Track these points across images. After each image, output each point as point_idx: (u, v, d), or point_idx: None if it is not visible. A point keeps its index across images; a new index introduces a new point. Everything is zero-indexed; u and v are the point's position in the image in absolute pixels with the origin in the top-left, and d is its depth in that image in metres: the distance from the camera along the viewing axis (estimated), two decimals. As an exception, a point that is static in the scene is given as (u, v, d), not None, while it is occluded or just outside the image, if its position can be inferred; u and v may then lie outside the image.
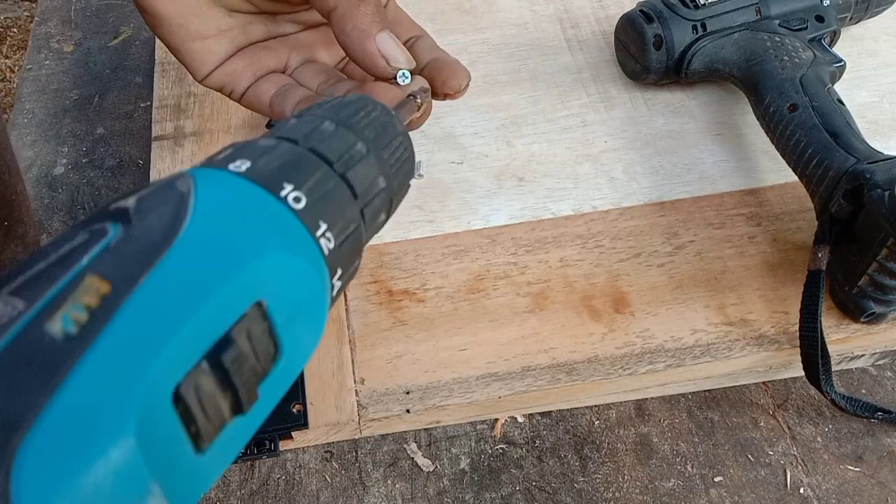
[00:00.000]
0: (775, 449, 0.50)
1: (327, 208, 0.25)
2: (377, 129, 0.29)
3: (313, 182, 0.25)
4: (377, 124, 0.29)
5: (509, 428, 0.51)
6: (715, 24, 0.58)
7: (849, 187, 0.47)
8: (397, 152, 0.29)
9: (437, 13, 0.69)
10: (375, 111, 0.29)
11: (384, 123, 0.29)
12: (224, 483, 0.49)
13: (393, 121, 0.30)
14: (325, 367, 0.48)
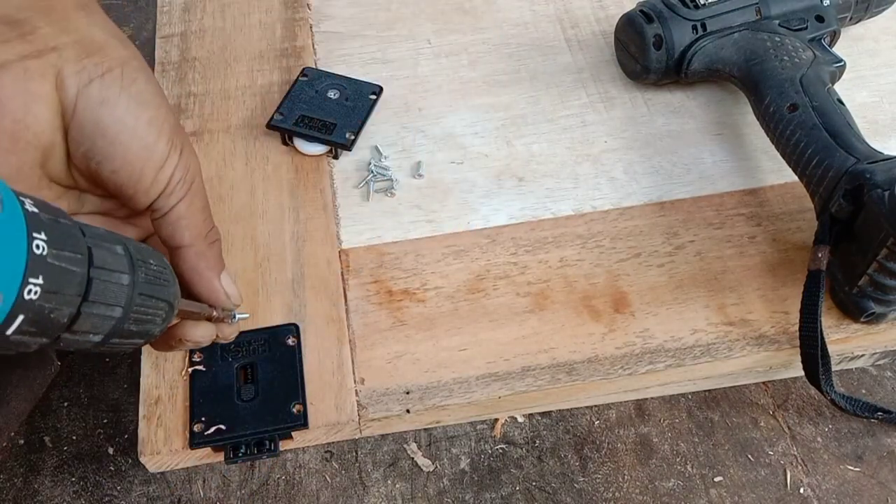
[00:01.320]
0: (775, 449, 0.50)
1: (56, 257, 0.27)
2: (150, 280, 0.32)
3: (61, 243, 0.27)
4: (155, 277, 0.32)
5: (509, 428, 0.51)
6: (715, 24, 0.58)
7: (849, 187, 0.47)
8: (148, 309, 0.32)
9: (437, 13, 0.69)
10: (165, 271, 0.33)
11: (161, 282, 0.32)
12: (224, 483, 0.49)
13: (169, 287, 0.33)
14: (325, 367, 0.48)
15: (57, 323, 0.28)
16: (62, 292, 0.28)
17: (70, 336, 0.29)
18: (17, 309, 0.26)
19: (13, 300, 0.26)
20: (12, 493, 0.50)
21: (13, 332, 0.26)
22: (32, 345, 0.28)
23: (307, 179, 0.57)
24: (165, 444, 0.45)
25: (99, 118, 0.34)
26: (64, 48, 0.34)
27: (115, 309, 0.30)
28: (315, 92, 0.60)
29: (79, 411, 0.54)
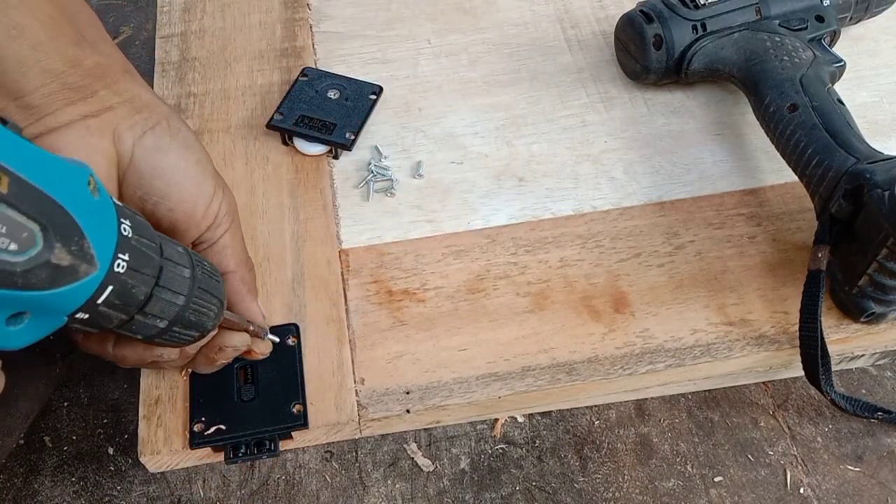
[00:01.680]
0: (775, 449, 0.50)
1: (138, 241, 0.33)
2: (206, 276, 0.37)
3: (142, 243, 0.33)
4: (209, 276, 0.38)
5: (509, 428, 0.51)
6: (715, 24, 0.58)
7: (849, 187, 0.47)
8: (204, 302, 0.37)
9: (437, 13, 0.69)
10: (216, 273, 0.39)
11: (214, 281, 0.38)
12: (224, 483, 0.49)
13: (220, 286, 0.39)
14: (325, 367, 0.48)
15: (136, 300, 0.33)
16: (142, 272, 0.33)
17: (142, 318, 0.34)
18: (108, 280, 0.31)
19: (106, 271, 0.30)
20: (12, 493, 0.50)
21: (102, 302, 0.31)
22: (114, 319, 0.32)
23: (307, 179, 0.57)
24: (165, 444, 0.45)
25: (155, 163, 0.40)
26: (118, 107, 0.39)
27: (179, 297, 0.35)
28: (315, 92, 0.60)
29: (79, 411, 0.54)
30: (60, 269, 0.28)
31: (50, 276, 0.28)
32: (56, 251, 0.28)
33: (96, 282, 0.30)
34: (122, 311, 0.32)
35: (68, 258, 0.29)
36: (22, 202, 0.27)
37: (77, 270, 0.29)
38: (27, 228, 0.27)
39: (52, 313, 0.30)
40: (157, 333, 0.35)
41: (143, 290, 0.33)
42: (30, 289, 0.28)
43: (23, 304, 0.28)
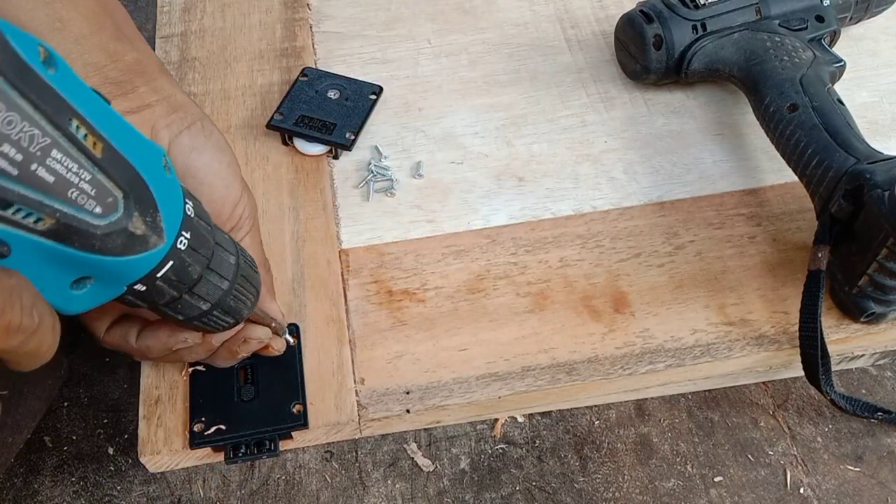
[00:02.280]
0: (775, 449, 0.50)
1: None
2: (247, 265, 0.39)
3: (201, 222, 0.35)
4: (249, 266, 0.40)
5: (509, 428, 0.51)
6: (715, 24, 0.58)
7: (849, 187, 0.47)
8: (244, 290, 0.39)
9: (437, 13, 0.69)
10: (254, 264, 0.41)
11: (253, 271, 0.40)
12: (224, 483, 0.49)
13: (258, 277, 0.41)
14: (325, 367, 0.48)
15: (189, 278, 0.34)
16: (199, 251, 0.34)
17: (189, 298, 0.35)
18: (170, 255, 0.32)
19: (170, 246, 0.32)
20: (12, 493, 0.50)
21: (161, 276, 0.32)
22: (166, 295, 0.33)
23: (307, 179, 0.57)
24: (165, 444, 0.45)
25: (190, 162, 0.40)
26: (156, 105, 0.40)
27: (224, 282, 0.36)
28: (315, 92, 0.60)
29: (79, 411, 0.54)
30: (134, 238, 0.30)
31: (124, 243, 0.29)
32: (134, 220, 0.29)
33: (161, 255, 0.31)
34: (175, 287, 0.33)
35: (143, 228, 0.30)
36: (111, 168, 0.28)
37: (147, 241, 0.30)
38: (112, 194, 0.28)
39: (114, 281, 0.31)
40: (197, 315, 0.36)
41: (197, 270, 0.34)
42: (104, 253, 0.29)
43: (91, 269, 0.29)
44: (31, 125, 0.25)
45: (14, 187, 0.25)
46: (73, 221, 0.27)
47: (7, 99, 0.24)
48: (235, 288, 0.37)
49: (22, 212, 0.25)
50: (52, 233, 0.27)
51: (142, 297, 0.33)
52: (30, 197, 0.25)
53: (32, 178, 0.25)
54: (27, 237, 0.26)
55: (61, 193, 0.26)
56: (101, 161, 0.28)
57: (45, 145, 0.25)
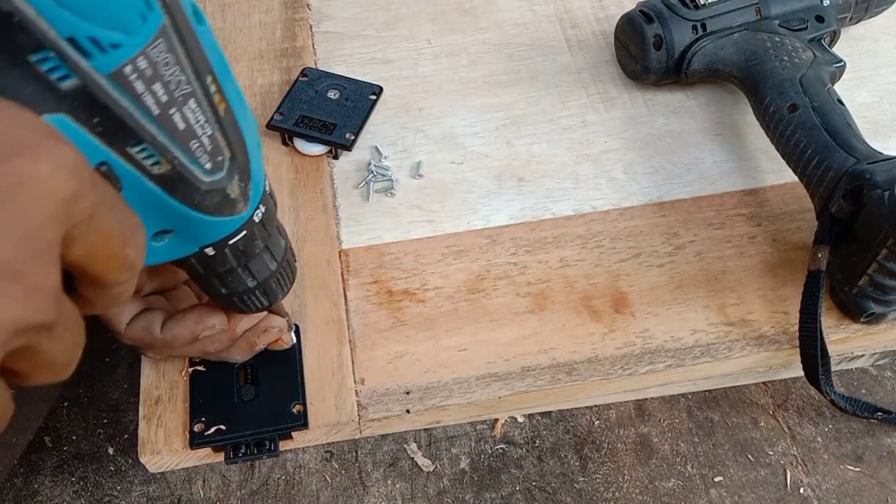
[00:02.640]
0: (775, 449, 0.50)
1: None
2: (291, 253, 0.41)
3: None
4: (292, 255, 0.41)
5: (509, 428, 0.51)
6: (715, 24, 0.58)
7: (849, 187, 0.47)
8: (286, 274, 0.40)
9: (437, 13, 0.69)
10: (294, 259, 0.42)
11: (294, 260, 0.42)
12: (224, 483, 0.49)
13: (295, 265, 0.42)
14: (325, 367, 0.48)
15: (252, 251, 0.35)
16: (266, 227, 0.35)
17: (241, 272, 0.36)
18: (246, 225, 0.33)
19: (249, 215, 0.33)
20: (12, 493, 0.50)
21: (231, 244, 0.33)
22: (227, 264, 0.34)
23: (307, 179, 0.57)
24: (165, 444, 0.45)
25: None
26: None
27: (273, 262, 0.37)
28: (315, 92, 0.60)
29: (79, 411, 0.54)
30: (227, 200, 0.31)
31: (218, 203, 0.30)
32: (233, 183, 0.30)
33: (240, 222, 0.32)
34: (237, 258, 0.34)
35: (237, 192, 0.31)
36: (228, 128, 0.29)
37: (235, 206, 0.31)
38: (223, 153, 0.29)
39: (193, 239, 0.32)
40: (241, 291, 0.37)
41: (260, 245, 0.35)
42: (199, 209, 0.30)
43: (179, 223, 0.30)
44: (180, 71, 0.26)
45: (150, 126, 0.25)
46: (185, 172, 0.28)
47: (170, 42, 0.25)
48: (280, 270, 0.38)
49: (146, 152, 0.26)
50: (163, 179, 0.27)
51: (205, 261, 0.34)
52: (159, 139, 0.26)
53: (167, 122, 0.26)
54: (141, 179, 0.27)
55: (185, 142, 0.27)
56: (223, 120, 0.29)
57: (186, 93, 0.26)
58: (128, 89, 0.24)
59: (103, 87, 0.24)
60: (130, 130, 0.25)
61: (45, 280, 0.22)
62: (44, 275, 0.21)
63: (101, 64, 0.23)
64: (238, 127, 0.30)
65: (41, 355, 0.23)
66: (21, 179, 0.20)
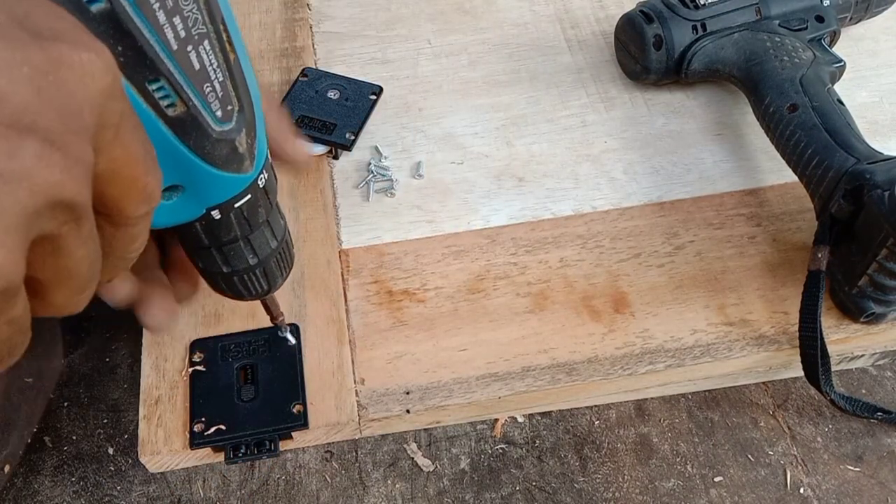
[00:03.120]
0: (775, 449, 0.50)
1: None
2: (290, 238, 0.40)
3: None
4: (291, 240, 0.40)
5: (509, 428, 0.51)
6: (715, 24, 0.58)
7: (849, 187, 0.47)
8: (282, 259, 0.39)
9: (437, 13, 0.69)
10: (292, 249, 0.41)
11: (292, 245, 0.40)
12: (224, 483, 0.49)
13: (293, 252, 0.41)
14: (325, 367, 0.48)
15: (256, 220, 0.35)
16: (269, 195, 0.35)
17: (243, 245, 0.36)
18: (251, 188, 0.33)
19: (254, 177, 0.33)
20: (12, 493, 0.50)
21: (236, 207, 0.33)
22: (231, 232, 0.34)
23: (307, 179, 0.57)
24: (165, 445, 0.45)
25: None
26: None
27: (273, 241, 0.37)
28: (315, 92, 0.60)
29: (79, 411, 0.54)
30: (236, 154, 0.31)
31: (227, 155, 0.30)
32: (241, 135, 0.30)
33: (246, 182, 0.32)
34: (241, 226, 0.34)
35: (244, 146, 0.31)
36: (237, 77, 0.29)
37: (243, 162, 0.31)
38: (232, 102, 0.29)
39: (200, 198, 0.32)
40: (244, 269, 0.37)
41: (262, 215, 0.35)
42: (209, 160, 0.30)
43: (188, 176, 0.30)
44: (197, 9, 0.26)
45: (168, 62, 0.26)
46: (198, 116, 0.28)
47: None
48: (279, 252, 0.38)
49: (163, 90, 0.26)
50: (177, 122, 0.27)
51: (210, 228, 0.34)
52: (175, 76, 0.26)
53: (184, 60, 0.26)
54: (156, 121, 0.27)
55: (199, 84, 0.27)
56: (233, 68, 0.29)
57: (202, 33, 0.27)
58: (150, 18, 0.25)
59: (129, 12, 0.24)
60: (150, 63, 0.26)
61: (83, 155, 0.21)
62: (83, 149, 0.21)
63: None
64: (244, 78, 0.31)
65: (65, 257, 0.23)
66: (63, 60, 0.21)
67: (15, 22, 0.20)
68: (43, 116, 0.20)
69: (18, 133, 0.19)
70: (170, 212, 0.32)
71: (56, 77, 0.20)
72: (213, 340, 0.49)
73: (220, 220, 0.33)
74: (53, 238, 0.22)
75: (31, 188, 0.20)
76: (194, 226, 0.34)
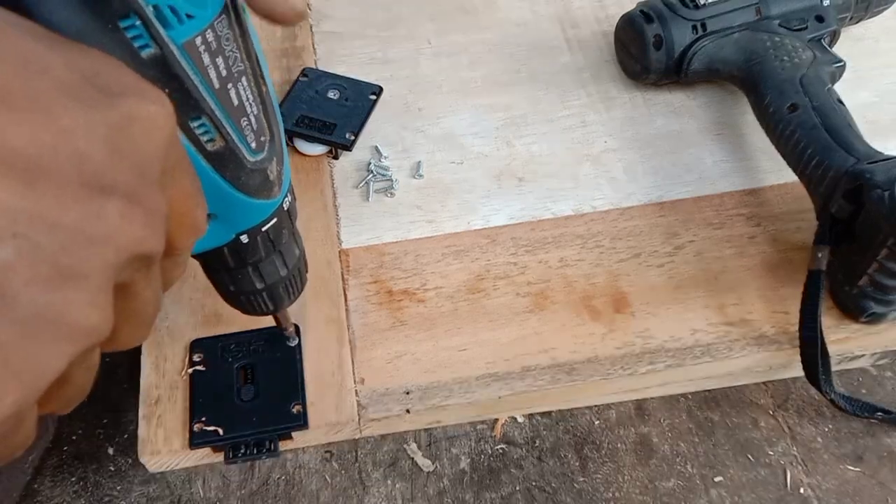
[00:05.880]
0: (775, 449, 0.50)
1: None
2: (303, 265, 0.40)
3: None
4: (304, 265, 0.41)
5: (509, 428, 0.51)
6: (715, 24, 0.58)
7: (849, 187, 0.47)
8: (295, 281, 0.40)
9: (437, 13, 0.69)
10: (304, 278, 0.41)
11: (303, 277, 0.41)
12: (224, 483, 0.49)
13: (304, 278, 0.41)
14: (325, 367, 0.48)
15: (279, 242, 0.35)
16: (291, 218, 0.36)
17: (252, 271, 0.36)
18: (277, 212, 0.34)
19: (280, 201, 0.34)
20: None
21: (263, 231, 0.34)
22: (256, 254, 0.35)
23: (307, 179, 0.57)
24: (165, 444, 0.45)
25: None
26: None
27: (284, 270, 0.38)
28: (315, 92, 0.60)
29: (79, 411, 0.54)
30: (266, 182, 0.31)
31: (259, 184, 0.31)
32: (272, 164, 0.31)
33: (273, 206, 0.33)
34: (265, 247, 0.35)
35: (274, 174, 0.32)
36: (268, 109, 0.31)
37: (272, 189, 0.32)
38: (265, 133, 0.30)
39: (231, 224, 0.33)
40: (250, 291, 0.38)
41: (285, 236, 0.36)
42: (243, 190, 0.30)
43: (224, 205, 0.31)
44: (237, 48, 0.27)
45: (209, 100, 0.27)
46: (235, 149, 0.29)
47: (230, 19, 0.27)
48: (290, 279, 0.39)
49: (204, 127, 0.27)
50: (216, 157, 0.28)
51: (237, 250, 0.34)
52: (216, 114, 0.27)
53: (224, 97, 0.27)
54: (196, 157, 0.28)
55: (237, 119, 0.28)
56: (265, 100, 0.30)
57: (240, 70, 0.28)
58: (196, 61, 0.26)
59: (177, 56, 0.25)
60: (194, 103, 0.26)
61: (159, 206, 0.22)
62: (157, 200, 0.22)
63: (177, 34, 0.25)
64: (273, 109, 0.31)
65: (134, 300, 0.23)
66: (133, 115, 0.21)
67: (87, 81, 0.20)
68: (122, 174, 0.20)
69: (101, 193, 0.20)
70: (203, 239, 0.32)
71: (128, 132, 0.21)
72: (213, 340, 0.49)
73: (247, 243, 0.34)
74: (127, 285, 0.22)
75: (117, 247, 0.20)
76: (222, 250, 0.34)
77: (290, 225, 0.36)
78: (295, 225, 0.37)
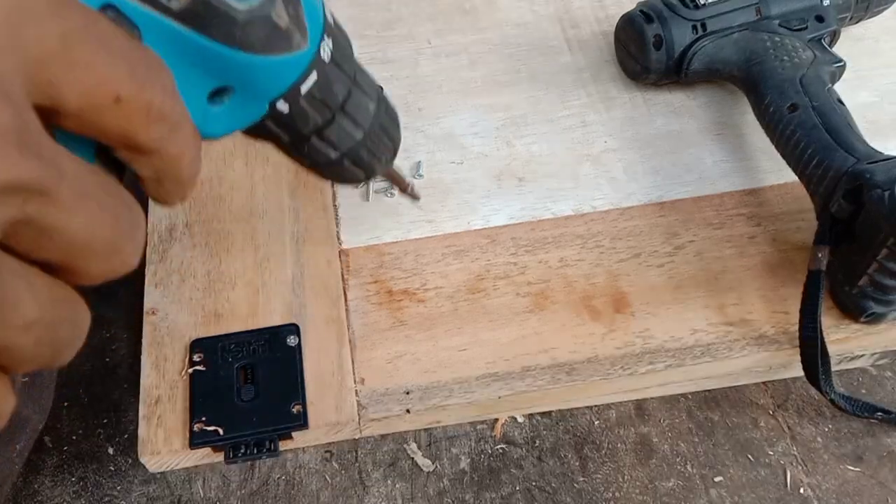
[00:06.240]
0: (775, 449, 0.50)
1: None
2: (388, 116, 0.36)
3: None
4: (391, 117, 0.37)
5: (509, 428, 0.51)
6: (715, 24, 0.58)
7: (849, 187, 0.47)
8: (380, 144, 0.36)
9: (437, 13, 0.69)
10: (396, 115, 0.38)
11: (394, 123, 0.37)
12: (224, 483, 0.49)
13: (398, 130, 0.37)
14: (325, 367, 0.48)
15: (336, 100, 0.30)
16: (342, 67, 0.30)
17: (318, 141, 0.31)
18: (314, 64, 0.28)
19: (314, 52, 0.28)
20: (12, 492, 0.50)
21: (305, 93, 0.28)
22: (310, 122, 0.29)
23: (307, 179, 0.57)
24: (165, 444, 0.45)
25: None
26: None
27: (359, 132, 0.32)
28: (315, 92, 0.60)
29: (79, 411, 0.54)
30: (277, 32, 0.26)
31: (267, 36, 0.25)
32: (276, 7, 0.25)
33: (305, 60, 0.28)
34: (320, 111, 0.30)
35: (286, 19, 0.26)
36: None
37: (291, 39, 0.26)
38: None
39: (256, 95, 0.27)
40: (325, 163, 0.33)
41: (343, 91, 0.30)
42: (245, 48, 0.25)
43: (231, 74, 0.26)
44: None
45: None
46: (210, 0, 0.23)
47: None
48: (370, 139, 0.33)
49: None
50: (188, 14, 0.23)
51: (284, 122, 0.29)
52: None
53: None
54: (160, 19, 0.22)
55: None
56: None
57: None
58: None
59: None
60: None
61: (26, 125, 0.18)
62: (28, 119, 0.18)
63: None
64: None
65: (58, 234, 0.19)
66: None
67: None
68: None
69: None
70: (228, 117, 0.27)
71: None
72: (213, 340, 0.49)
73: (290, 111, 0.29)
74: (27, 222, 0.18)
75: None
76: (266, 125, 0.29)
77: (343, 78, 0.30)
78: (356, 75, 0.31)
